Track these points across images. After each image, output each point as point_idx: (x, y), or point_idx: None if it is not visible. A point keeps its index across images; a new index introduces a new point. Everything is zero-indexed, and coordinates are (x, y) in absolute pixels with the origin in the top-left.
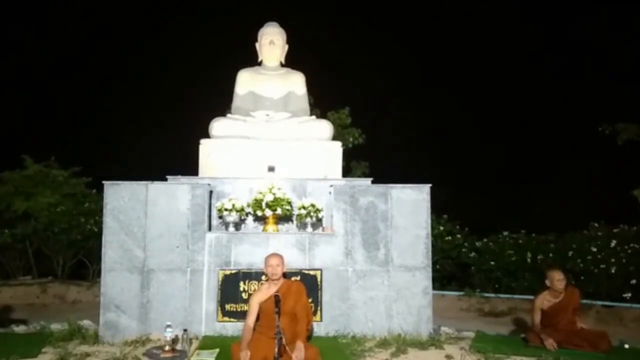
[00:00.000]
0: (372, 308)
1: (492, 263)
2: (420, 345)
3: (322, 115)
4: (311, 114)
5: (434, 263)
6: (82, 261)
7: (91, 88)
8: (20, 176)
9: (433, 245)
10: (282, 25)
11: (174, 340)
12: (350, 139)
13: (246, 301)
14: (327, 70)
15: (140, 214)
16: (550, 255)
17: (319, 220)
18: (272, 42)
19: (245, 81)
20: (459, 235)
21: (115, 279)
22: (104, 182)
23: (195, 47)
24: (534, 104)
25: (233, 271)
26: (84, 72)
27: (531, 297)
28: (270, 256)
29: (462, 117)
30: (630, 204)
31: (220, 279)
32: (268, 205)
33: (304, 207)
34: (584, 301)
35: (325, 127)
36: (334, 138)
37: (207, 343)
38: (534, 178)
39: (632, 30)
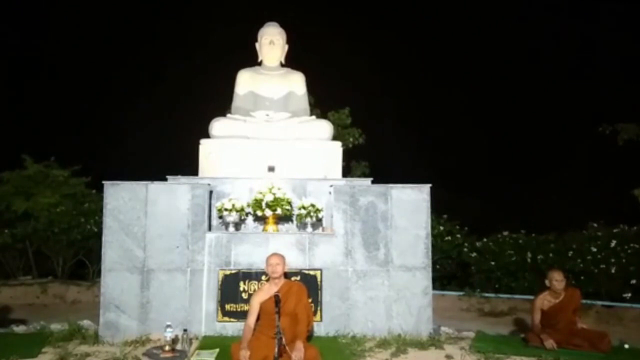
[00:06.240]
0: (372, 308)
1: (492, 263)
2: (420, 345)
3: (322, 115)
4: (311, 114)
5: (434, 263)
6: (82, 261)
7: (91, 88)
8: (20, 176)
9: (433, 245)
10: (282, 25)
11: (174, 340)
12: (350, 139)
13: (246, 301)
14: (327, 70)
15: (140, 214)
16: (550, 255)
17: (319, 220)
18: (272, 42)
19: (245, 81)
20: (459, 235)
21: (115, 279)
22: (104, 182)
23: (195, 47)
24: (534, 103)
25: (233, 271)
26: (84, 72)
27: (531, 297)
28: (271, 255)
29: (462, 116)
30: (630, 204)
31: (220, 279)
32: (268, 205)
33: (304, 207)
34: (584, 301)
35: (325, 127)
36: (334, 138)
37: (207, 343)
38: (534, 178)
39: (632, 30)
